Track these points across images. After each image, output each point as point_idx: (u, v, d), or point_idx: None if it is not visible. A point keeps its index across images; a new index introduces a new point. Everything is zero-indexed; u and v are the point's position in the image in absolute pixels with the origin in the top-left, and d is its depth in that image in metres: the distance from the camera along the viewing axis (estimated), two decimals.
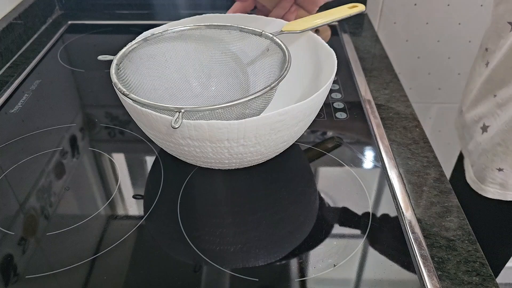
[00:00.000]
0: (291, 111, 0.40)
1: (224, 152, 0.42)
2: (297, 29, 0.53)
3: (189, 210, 0.46)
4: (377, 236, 0.43)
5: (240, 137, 0.40)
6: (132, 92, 0.46)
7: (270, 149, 0.44)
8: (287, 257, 0.41)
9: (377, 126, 0.58)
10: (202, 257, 0.41)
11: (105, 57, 0.47)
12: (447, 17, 0.95)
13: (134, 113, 0.43)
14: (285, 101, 0.53)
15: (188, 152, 0.43)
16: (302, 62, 0.54)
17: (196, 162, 0.46)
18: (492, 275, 0.40)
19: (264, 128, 0.40)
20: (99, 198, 0.47)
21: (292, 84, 0.53)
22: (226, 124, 0.38)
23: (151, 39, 0.50)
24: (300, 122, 0.44)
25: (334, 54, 0.49)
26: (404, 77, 1.04)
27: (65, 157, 0.53)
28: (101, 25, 0.86)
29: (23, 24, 0.78)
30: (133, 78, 0.48)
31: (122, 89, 0.42)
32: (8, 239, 0.43)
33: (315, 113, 0.46)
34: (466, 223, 0.45)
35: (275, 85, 0.43)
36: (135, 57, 0.49)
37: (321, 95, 0.44)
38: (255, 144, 0.42)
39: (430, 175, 0.50)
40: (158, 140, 0.44)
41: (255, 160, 0.45)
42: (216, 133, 0.39)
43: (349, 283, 0.39)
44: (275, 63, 0.50)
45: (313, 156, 0.54)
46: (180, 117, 0.38)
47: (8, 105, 0.62)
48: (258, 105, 0.45)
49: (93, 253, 0.41)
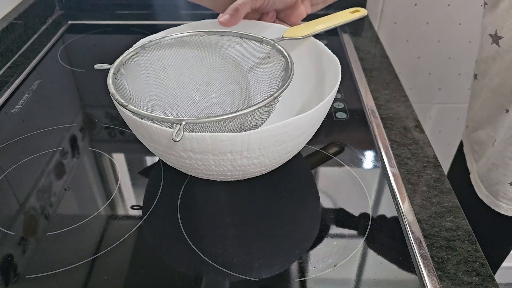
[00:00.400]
0: (295, 122, 0.39)
1: (227, 164, 0.41)
2: (299, 35, 0.51)
3: (189, 210, 0.46)
4: (377, 236, 0.43)
5: (243, 149, 0.39)
6: (131, 101, 0.45)
7: (274, 161, 0.43)
8: (287, 257, 0.41)
9: (377, 126, 0.58)
10: (202, 257, 0.41)
11: (101, 66, 0.46)
12: (447, 17, 0.95)
13: (133, 125, 0.41)
14: (286, 109, 0.53)
15: (189, 165, 0.42)
16: (304, 69, 0.53)
17: (197, 174, 0.44)
18: (492, 275, 0.40)
19: (268, 140, 0.39)
20: (99, 198, 0.47)
21: (294, 91, 0.51)
22: (230, 137, 0.37)
23: (149, 46, 0.48)
24: (305, 133, 0.42)
25: (338, 61, 0.47)
26: (404, 77, 1.04)
27: (65, 157, 0.53)
28: (101, 25, 0.86)
29: (23, 24, 0.78)
30: (131, 87, 0.47)
31: (120, 100, 0.40)
32: (8, 239, 0.43)
33: (320, 122, 0.45)
34: (466, 223, 0.45)
35: (278, 94, 0.42)
36: (132, 65, 0.48)
37: (326, 105, 0.42)
38: (258, 156, 0.41)
39: (430, 175, 0.50)
40: (158, 152, 0.43)
41: (258, 171, 0.44)
42: (219, 146, 0.38)
43: (349, 283, 0.39)
44: (277, 70, 0.49)
45: (316, 160, 0.53)
46: (181, 129, 0.36)
47: (8, 105, 0.62)
48: (260, 115, 0.44)
49: (93, 253, 0.41)
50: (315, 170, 0.52)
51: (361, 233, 0.43)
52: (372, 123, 0.58)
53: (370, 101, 0.63)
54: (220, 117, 0.38)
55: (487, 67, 0.58)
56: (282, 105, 0.49)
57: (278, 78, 0.48)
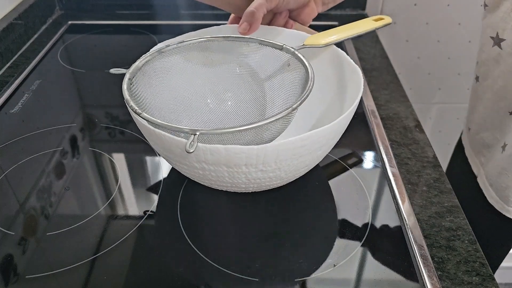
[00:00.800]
0: (314, 135, 0.38)
1: (241, 177, 0.40)
2: (320, 43, 0.50)
3: (190, 210, 0.46)
4: (377, 236, 0.43)
5: (259, 162, 0.38)
6: (145, 107, 0.44)
7: (290, 174, 0.42)
8: (287, 257, 0.41)
9: (377, 126, 0.58)
10: (202, 257, 0.41)
11: (117, 70, 0.45)
12: (447, 17, 0.95)
13: (146, 133, 0.41)
14: (304, 118, 0.51)
15: (202, 175, 0.41)
16: (324, 78, 0.51)
17: (210, 185, 0.43)
18: (492, 275, 0.40)
19: (285, 153, 0.38)
20: (99, 198, 0.47)
21: (313, 100, 0.47)
22: (245, 149, 0.36)
23: (166, 51, 0.47)
24: (324, 146, 0.41)
25: (360, 71, 0.46)
26: (404, 77, 1.04)
27: (65, 157, 0.53)
28: (101, 25, 0.86)
29: (23, 24, 0.78)
30: (146, 92, 0.46)
31: (134, 107, 0.39)
32: (8, 239, 0.43)
33: (340, 135, 0.43)
34: (466, 223, 0.45)
35: (296, 106, 0.40)
36: (148, 70, 0.46)
37: (347, 118, 0.41)
38: (274, 170, 0.39)
39: (430, 175, 0.50)
40: (171, 161, 0.42)
41: (273, 184, 0.43)
42: (234, 158, 0.37)
43: (349, 283, 0.39)
44: (296, 79, 0.47)
45: (333, 171, 0.51)
46: (195, 140, 0.35)
47: (8, 105, 0.62)
48: (277, 127, 0.43)
49: (93, 253, 0.41)
50: (315, 169, 0.52)
51: (361, 233, 0.43)
52: (372, 123, 0.58)
53: (370, 101, 0.63)
54: (235, 129, 0.37)
55: (489, 69, 0.57)
56: (300, 114, 0.46)
57: (297, 88, 0.46)
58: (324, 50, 0.52)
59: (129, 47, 0.80)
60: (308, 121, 0.53)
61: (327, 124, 0.38)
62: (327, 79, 0.52)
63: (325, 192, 0.49)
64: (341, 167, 0.51)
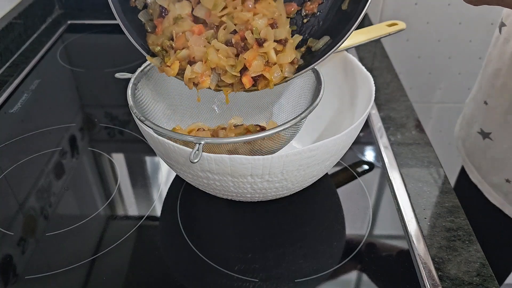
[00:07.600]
0: (322, 146, 0.37)
1: (246, 187, 0.39)
2: None
3: (189, 210, 0.46)
4: (377, 236, 0.43)
5: (265, 173, 0.37)
6: (150, 113, 0.43)
7: (297, 184, 0.41)
8: (287, 257, 0.41)
9: (378, 126, 0.57)
10: (202, 257, 0.41)
11: (122, 75, 0.44)
12: (448, 17, 0.95)
13: (150, 140, 0.40)
14: (313, 124, 0.50)
15: (207, 184, 0.40)
16: (334, 84, 0.50)
17: (215, 194, 0.43)
18: (492, 275, 0.40)
19: (292, 164, 0.37)
20: (99, 198, 0.47)
21: (323, 107, 0.46)
22: (250, 160, 0.35)
23: None
24: (332, 157, 0.40)
25: (372, 78, 0.45)
26: (404, 77, 1.04)
27: (64, 157, 0.53)
28: (101, 25, 0.86)
29: (23, 24, 0.78)
30: (151, 97, 0.45)
31: (138, 115, 0.39)
32: (8, 239, 0.42)
33: (350, 144, 0.42)
34: (467, 223, 0.45)
35: (305, 115, 0.39)
36: (154, 74, 0.46)
37: (357, 128, 0.40)
38: (281, 180, 0.38)
39: (430, 175, 0.50)
40: (175, 169, 0.42)
41: (280, 194, 0.42)
42: (239, 169, 0.36)
43: (349, 283, 0.39)
44: (306, 86, 0.46)
45: (341, 179, 0.50)
46: (200, 149, 0.35)
47: (7, 105, 0.62)
48: (285, 136, 0.42)
49: (93, 253, 0.41)
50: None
51: (361, 233, 0.43)
52: (373, 123, 0.58)
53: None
54: (241, 138, 0.37)
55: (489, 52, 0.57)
56: (308, 120, 0.45)
57: (307, 95, 0.46)
58: (334, 56, 0.51)
59: (129, 46, 0.79)
60: (316, 128, 0.52)
61: (336, 131, 0.38)
62: (337, 85, 0.51)
63: (325, 192, 0.48)
64: (341, 167, 0.51)
